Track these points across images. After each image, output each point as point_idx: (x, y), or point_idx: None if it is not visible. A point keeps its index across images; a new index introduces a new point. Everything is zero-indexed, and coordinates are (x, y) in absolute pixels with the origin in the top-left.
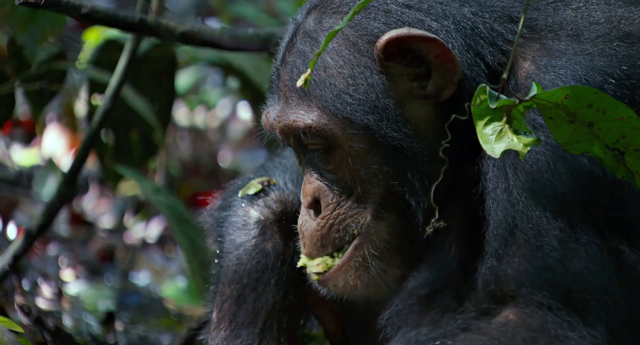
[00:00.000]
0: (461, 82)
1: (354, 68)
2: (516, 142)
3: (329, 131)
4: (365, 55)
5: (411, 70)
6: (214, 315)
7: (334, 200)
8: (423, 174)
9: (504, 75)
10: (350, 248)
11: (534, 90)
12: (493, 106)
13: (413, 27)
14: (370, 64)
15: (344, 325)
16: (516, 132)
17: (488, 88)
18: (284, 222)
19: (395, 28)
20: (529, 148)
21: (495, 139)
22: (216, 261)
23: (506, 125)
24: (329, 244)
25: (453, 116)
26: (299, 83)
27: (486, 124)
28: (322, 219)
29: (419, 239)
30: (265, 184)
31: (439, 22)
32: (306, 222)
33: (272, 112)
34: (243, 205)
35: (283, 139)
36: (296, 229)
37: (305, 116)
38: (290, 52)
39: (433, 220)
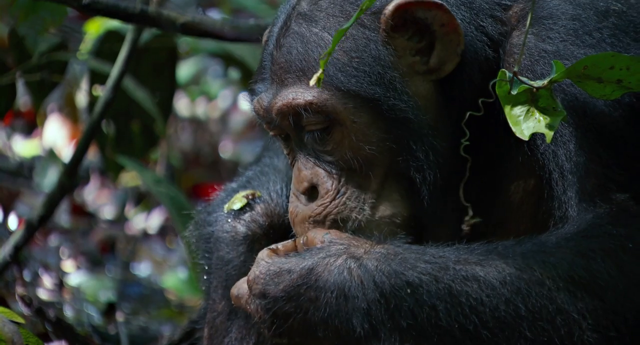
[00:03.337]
0: (463, 55)
1: (357, 41)
2: (542, 124)
3: (330, 106)
4: (369, 28)
5: (413, 44)
6: (206, 331)
7: (334, 186)
8: (428, 147)
9: (515, 69)
10: None
11: (553, 72)
12: (514, 92)
13: None
14: (374, 36)
15: None
16: (544, 110)
17: (507, 73)
18: (271, 235)
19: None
20: (555, 128)
21: (524, 120)
22: (205, 277)
23: (532, 105)
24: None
25: (468, 113)
26: (312, 82)
27: (514, 106)
28: (319, 206)
29: (426, 217)
30: (250, 197)
31: None
32: (297, 207)
33: (265, 97)
34: (229, 220)
35: (279, 121)
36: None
37: (306, 93)
38: (285, 35)
39: (467, 218)
